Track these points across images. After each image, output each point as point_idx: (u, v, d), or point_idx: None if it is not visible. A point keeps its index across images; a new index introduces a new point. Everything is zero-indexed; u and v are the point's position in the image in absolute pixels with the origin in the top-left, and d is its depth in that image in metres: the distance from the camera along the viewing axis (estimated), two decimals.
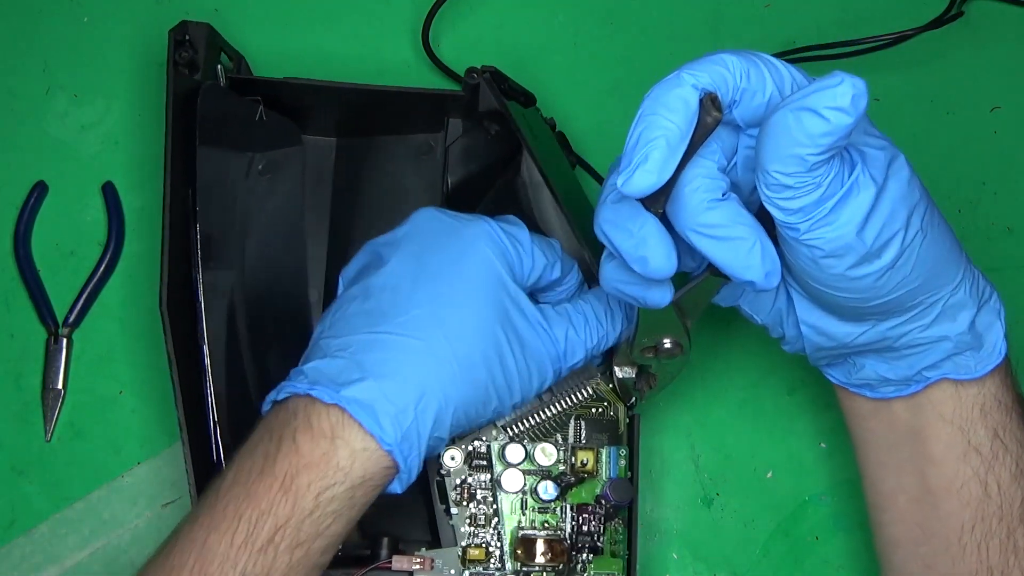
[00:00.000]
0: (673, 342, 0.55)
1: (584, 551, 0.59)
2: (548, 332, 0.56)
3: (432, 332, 0.53)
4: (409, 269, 0.55)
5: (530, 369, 0.55)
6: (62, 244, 0.70)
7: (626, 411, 0.61)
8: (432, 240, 0.56)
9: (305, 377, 0.53)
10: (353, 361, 0.52)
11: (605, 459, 0.60)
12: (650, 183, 0.43)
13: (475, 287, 0.54)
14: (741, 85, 0.45)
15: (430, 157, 0.67)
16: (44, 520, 0.66)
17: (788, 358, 0.68)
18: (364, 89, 0.65)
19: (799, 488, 0.67)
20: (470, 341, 0.53)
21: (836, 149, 0.43)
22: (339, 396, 0.51)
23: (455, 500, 0.59)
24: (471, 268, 0.55)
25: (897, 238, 0.46)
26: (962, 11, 0.71)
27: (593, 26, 0.73)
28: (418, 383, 0.52)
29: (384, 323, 0.53)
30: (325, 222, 0.68)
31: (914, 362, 0.53)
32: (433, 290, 0.54)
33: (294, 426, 0.51)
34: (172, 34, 0.61)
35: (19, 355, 0.68)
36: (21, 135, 0.71)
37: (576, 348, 0.57)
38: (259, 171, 0.66)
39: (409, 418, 0.52)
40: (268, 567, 0.49)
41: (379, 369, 0.52)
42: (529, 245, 0.56)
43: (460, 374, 0.53)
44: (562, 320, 0.57)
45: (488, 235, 0.55)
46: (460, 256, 0.55)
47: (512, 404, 0.56)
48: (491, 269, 0.55)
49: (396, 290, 0.54)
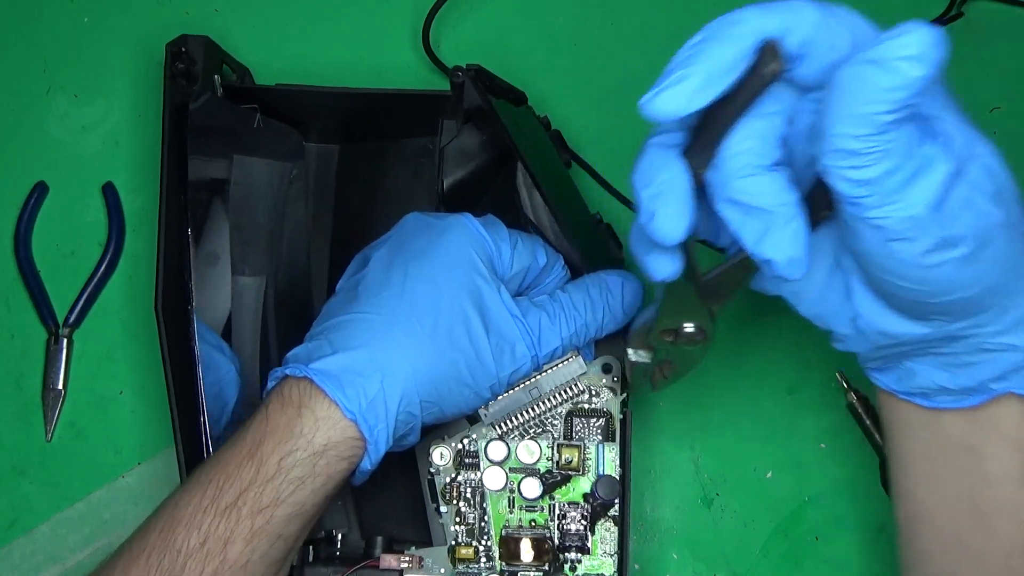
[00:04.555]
0: (696, 327, 0.50)
1: (571, 550, 0.59)
2: (521, 320, 0.56)
3: (400, 308, 0.54)
4: (386, 259, 0.57)
5: (503, 350, 0.56)
6: (62, 244, 0.70)
7: (620, 407, 0.61)
8: (411, 235, 0.58)
9: (286, 361, 0.55)
10: (325, 340, 0.54)
11: (595, 456, 0.60)
12: (675, 108, 0.39)
13: (446, 267, 0.56)
14: (812, 37, 0.39)
15: (429, 160, 0.67)
16: (45, 520, 0.66)
17: (788, 358, 0.68)
18: (356, 92, 0.65)
19: (799, 488, 0.67)
20: (438, 316, 0.54)
21: (909, 109, 0.38)
22: (308, 368, 0.53)
23: (444, 498, 0.59)
24: (443, 251, 0.56)
25: (977, 225, 0.41)
26: (962, 11, 0.71)
27: (593, 26, 0.73)
28: (385, 355, 0.53)
29: (357, 305, 0.55)
30: (328, 228, 0.68)
31: (978, 372, 0.47)
32: (404, 271, 0.56)
33: (267, 401, 0.54)
34: (169, 47, 0.62)
35: (19, 355, 0.68)
36: (21, 135, 0.71)
37: (550, 336, 0.57)
38: (292, 179, 0.67)
39: (375, 387, 0.53)
40: (231, 530, 0.50)
41: (347, 343, 0.54)
42: (508, 238, 0.57)
43: (428, 347, 0.54)
44: (537, 309, 0.57)
45: (462, 225, 0.57)
46: (434, 241, 0.57)
47: (489, 386, 0.56)
48: (463, 252, 0.56)
49: (372, 278, 0.56)
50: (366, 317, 0.55)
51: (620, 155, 0.71)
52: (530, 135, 0.64)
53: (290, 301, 0.67)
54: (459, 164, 0.65)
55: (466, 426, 0.60)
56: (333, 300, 0.58)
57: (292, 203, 0.67)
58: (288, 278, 0.67)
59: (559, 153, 0.68)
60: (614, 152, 0.71)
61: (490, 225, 0.58)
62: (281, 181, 0.67)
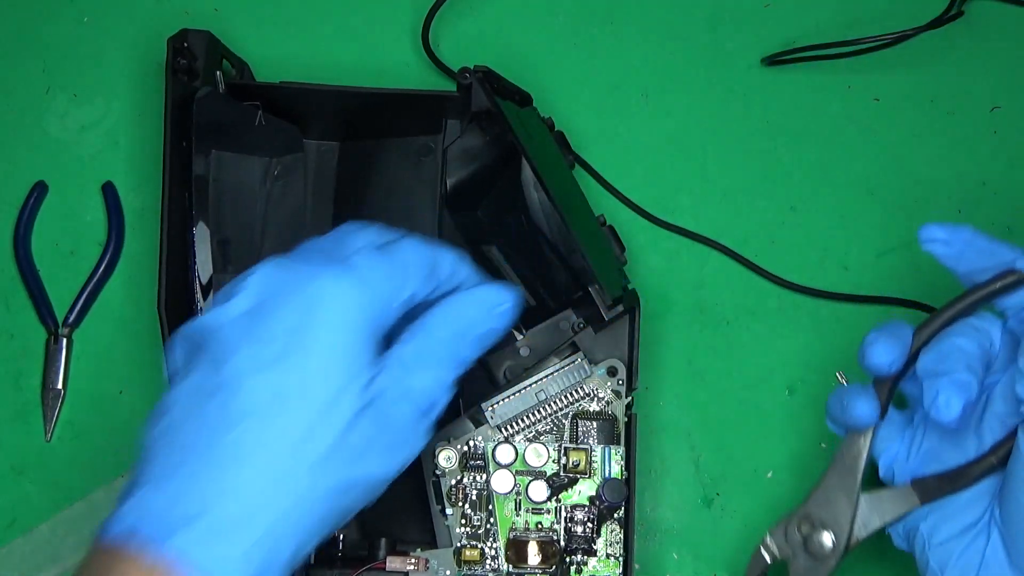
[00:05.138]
0: (831, 539, 0.53)
1: (578, 553, 0.59)
2: (409, 396, 0.48)
3: (277, 445, 0.44)
4: (246, 356, 0.45)
5: (396, 451, 0.47)
6: (62, 244, 0.70)
7: (624, 410, 0.61)
8: (272, 307, 0.46)
9: (126, 517, 0.43)
10: (183, 494, 0.43)
11: (601, 459, 0.60)
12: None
13: (327, 370, 0.45)
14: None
15: (430, 159, 0.67)
16: (44, 520, 0.66)
17: (788, 358, 0.68)
18: (360, 92, 0.65)
19: (799, 488, 0.67)
20: (325, 457, 0.44)
21: None
22: (166, 548, 0.41)
23: (450, 500, 0.59)
24: (321, 342, 0.45)
25: None
26: (962, 11, 0.71)
27: (593, 26, 0.73)
28: (267, 521, 0.43)
29: (218, 437, 0.43)
30: (328, 225, 0.68)
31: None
32: (275, 383, 0.44)
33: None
34: (171, 42, 0.61)
35: (19, 355, 0.68)
36: (21, 135, 0.71)
37: (442, 398, 0.49)
38: (276, 176, 0.67)
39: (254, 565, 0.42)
40: None
41: (216, 507, 0.42)
42: (397, 270, 0.48)
43: (315, 499, 0.44)
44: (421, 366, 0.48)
45: (337, 285, 0.46)
46: (306, 324, 0.45)
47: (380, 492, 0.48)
48: (346, 337, 0.46)
49: (233, 386, 0.44)
50: (236, 470, 0.43)
51: (620, 156, 0.71)
52: (535, 136, 0.64)
53: None
54: (463, 164, 0.65)
55: (471, 428, 0.60)
56: (178, 401, 0.45)
57: (277, 200, 0.67)
58: None
59: (563, 154, 0.68)
60: (613, 152, 0.71)
61: (372, 261, 0.47)
62: (264, 178, 0.67)
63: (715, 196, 0.71)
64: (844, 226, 0.70)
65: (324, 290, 0.46)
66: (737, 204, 0.71)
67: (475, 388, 0.64)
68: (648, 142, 0.71)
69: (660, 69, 0.72)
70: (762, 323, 0.69)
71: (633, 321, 0.61)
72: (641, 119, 0.72)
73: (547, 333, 0.65)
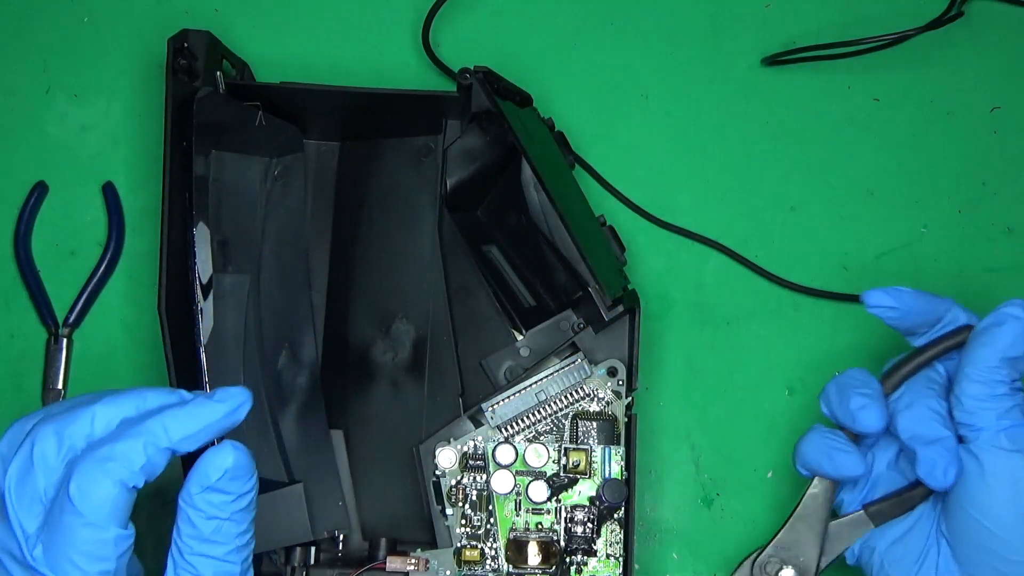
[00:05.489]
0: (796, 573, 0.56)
1: (578, 553, 0.59)
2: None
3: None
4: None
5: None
6: (62, 244, 0.70)
7: (625, 410, 0.61)
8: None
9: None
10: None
11: (601, 459, 0.60)
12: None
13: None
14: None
15: (430, 159, 0.67)
16: None
17: (788, 358, 0.68)
18: (360, 92, 0.65)
19: (799, 488, 0.67)
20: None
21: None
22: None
23: (450, 501, 0.59)
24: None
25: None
26: (962, 11, 0.71)
27: (593, 26, 0.73)
28: None
29: None
30: (328, 225, 0.68)
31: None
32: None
33: None
34: (171, 42, 0.61)
35: (19, 355, 0.68)
36: (21, 135, 0.71)
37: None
38: (275, 176, 0.67)
39: None
40: None
41: None
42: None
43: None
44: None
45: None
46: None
47: None
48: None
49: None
50: None
51: (620, 156, 0.71)
52: (535, 137, 0.64)
53: (280, 300, 0.66)
54: (463, 165, 0.65)
55: (471, 428, 0.60)
56: None
57: (276, 200, 0.67)
58: (277, 277, 0.66)
59: (563, 155, 0.68)
60: (613, 152, 0.71)
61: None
62: (264, 178, 0.67)
63: (715, 196, 0.71)
64: (844, 226, 0.70)
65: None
66: (737, 204, 0.71)
67: (475, 388, 0.64)
68: (648, 142, 0.72)
69: (660, 69, 0.72)
70: (762, 323, 0.69)
71: (633, 321, 0.61)
72: (641, 119, 0.72)
73: (547, 333, 0.65)
